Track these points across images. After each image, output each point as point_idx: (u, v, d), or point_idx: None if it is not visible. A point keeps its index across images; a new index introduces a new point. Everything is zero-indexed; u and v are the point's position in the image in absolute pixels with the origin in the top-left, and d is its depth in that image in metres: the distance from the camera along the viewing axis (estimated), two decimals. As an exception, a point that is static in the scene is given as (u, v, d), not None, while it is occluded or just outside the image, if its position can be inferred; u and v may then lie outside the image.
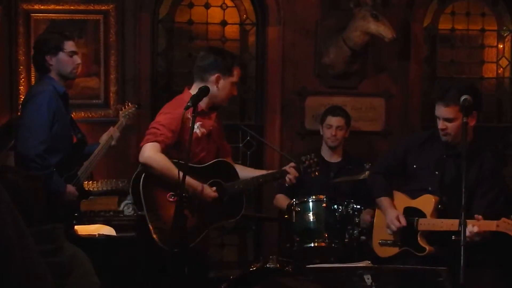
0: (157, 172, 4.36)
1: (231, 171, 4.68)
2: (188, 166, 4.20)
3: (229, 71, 4.56)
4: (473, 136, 4.32)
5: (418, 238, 4.33)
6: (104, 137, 5.12)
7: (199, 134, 4.48)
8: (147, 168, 4.38)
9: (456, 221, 4.01)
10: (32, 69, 5.91)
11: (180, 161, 4.17)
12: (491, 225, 4.02)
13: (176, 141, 4.42)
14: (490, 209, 4.16)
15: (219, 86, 4.54)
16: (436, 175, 4.40)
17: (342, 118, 5.77)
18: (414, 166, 4.50)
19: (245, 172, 4.85)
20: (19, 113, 5.18)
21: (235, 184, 4.61)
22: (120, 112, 5.40)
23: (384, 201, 4.57)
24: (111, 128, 5.18)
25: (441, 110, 4.25)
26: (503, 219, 3.99)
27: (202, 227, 4.49)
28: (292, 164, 4.83)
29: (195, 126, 4.30)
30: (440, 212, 4.32)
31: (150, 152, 4.34)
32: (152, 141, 4.36)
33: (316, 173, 4.91)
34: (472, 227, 3.97)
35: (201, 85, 4.44)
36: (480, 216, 4.02)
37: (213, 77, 4.52)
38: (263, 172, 4.97)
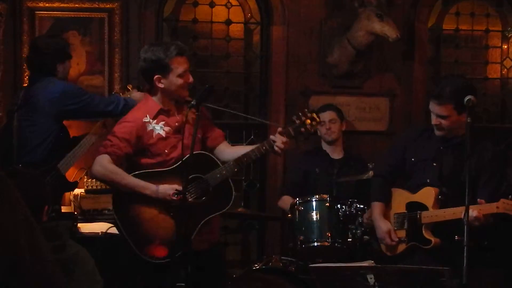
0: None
1: (208, 161, 4.28)
2: (157, 172, 4.18)
3: (167, 68, 4.24)
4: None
5: (423, 231, 4.34)
6: (96, 125, 5.25)
7: (163, 135, 4.27)
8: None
9: (458, 209, 4.08)
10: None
11: (148, 170, 4.21)
12: (491, 208, 4.06)
13: (141, 149, 4.28)
14: (494, 196, 4.18)
15: (164, 86, 4.29)
16: (435, 167, 4.41)
17: (331, 111, 5.88)
18: (412, 159, 4.52)
19: (231, 152, 4.48)
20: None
21: (217, 173, 4.22)
22: None
23: (376, 207, 4.59)
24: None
25: (435, 107, 4.28)
26: (502, 200, 4.04)
27: (190, 228, 4.15)
28: (278, 129, 4.29)
29: (158, 127, 4.25)
30: (441, 203, 4.34)
31: (95, 166, 4.26)
32: (102, 153, 4.26)
33: (312, 130, 4.36)
34: (472, 212, 3.98)
35: (150, 87, 4.37)
36: (482, 200, 4.07)
37: (155, 80, 4.27)
38: (245, 149, 4.40)
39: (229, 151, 4.49)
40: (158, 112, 4.29)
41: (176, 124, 4.33)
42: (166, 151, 4.26)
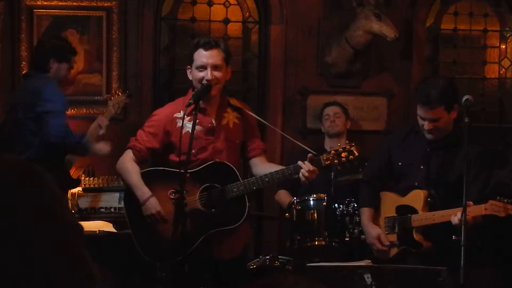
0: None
1: (229, 173, 4.10)
2: (171, 172, 4.09)
3: (192, 59, 4.16)
4: (453, 127, 4.36)
5: (414, 235, 4.34)
6: (92, 127, 5.20)
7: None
8: None
9: (448, 212, 4.08)
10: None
11: (162, 168, 4.17)
12: (479, 210, 4.05)
13: (169, 145, 4.19)
14: (482, 194, 4.19)
15: (192, 77, 4.19)
16: (422, 170, 4.41)
17: (337, 107, 6.00)
18: (399, 163, 4.51)
19: (261, 169, 4.26)
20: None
21: (234, 187, 4.07)
22: (109, 101, 5.44)
23: (364, 213, 4.59)
24: (99, 117, 5.23)
25: (427, 113, 4.25)
26: (490, 201, 4.03)
27: (194, 236, 4.06)
28: (309, 155, 4.03)
29: (190, 125, 4.02)
30: (430, 205, 4.34)
31: (119, 160, 4.29)
32: (127, 148, 4.27)
33: (347, 165, 4.10)
34: (459, 215, 3.98)
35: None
36: (470, 202, 4.04)
37: (188, 72, 4.23)
38: (276, 168, 4.22)
39: (261, 168, 4.28)
40: (193, 108, 4.02)
41: (209, 125, 4.20)
42: (193, 151, 4.07)
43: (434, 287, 3.54)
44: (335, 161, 4.03)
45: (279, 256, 5.24)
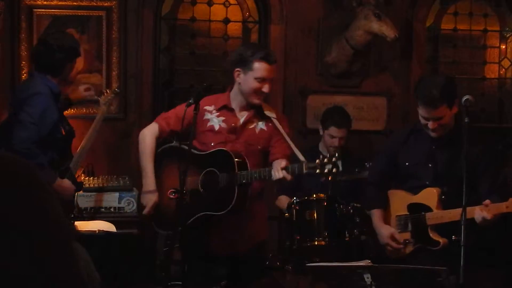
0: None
1: (228, 162, 4.27)
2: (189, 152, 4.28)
3: (248, 65, 4.34)
4: (455, 123, 4.35)
5: (430, 233, 4.33)
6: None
7: (216, 128, 4.41)
8: None
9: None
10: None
11: (177, 146, 4.41)
12: (500, 208, 4.04)
13: (190, 132, 4.32)
14: (493, 188, 4.19)
15: (241, 81, 4.40)
16: (430, 168, 4.41)
17: (346, 129, 5.73)
18: (406, 164, 4.50)
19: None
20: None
21: (228, 177, 4.28)
22: (100, 100, 5.43)
23: (375, 214, 4.58)
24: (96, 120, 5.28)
25: (431, 113, 4.25)
26: (511, 199, 4.02)
27: (189, 214, 4.29)
28: (282, 165, 4.21)
29: (216, 120, 4.40)
30: (444, 203, 4.33)
31: (144, 129, 4.56)
32: (155, 122, 4.55)
33: (328, 178, 4.27)
34: (481, 213, 3.98)
35: (233, 81, 4.48)
36: (488, 201, 4.03)
37: (235, 73, 4.41)
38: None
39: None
40: (223, 106, 4.45)
41: (233, 125, 4.43)
42: (213, 144, 4.39)
43: (434, 287, 3.54)
44: (317, 171, 4.10)
45: (279, 256, 5.23)
